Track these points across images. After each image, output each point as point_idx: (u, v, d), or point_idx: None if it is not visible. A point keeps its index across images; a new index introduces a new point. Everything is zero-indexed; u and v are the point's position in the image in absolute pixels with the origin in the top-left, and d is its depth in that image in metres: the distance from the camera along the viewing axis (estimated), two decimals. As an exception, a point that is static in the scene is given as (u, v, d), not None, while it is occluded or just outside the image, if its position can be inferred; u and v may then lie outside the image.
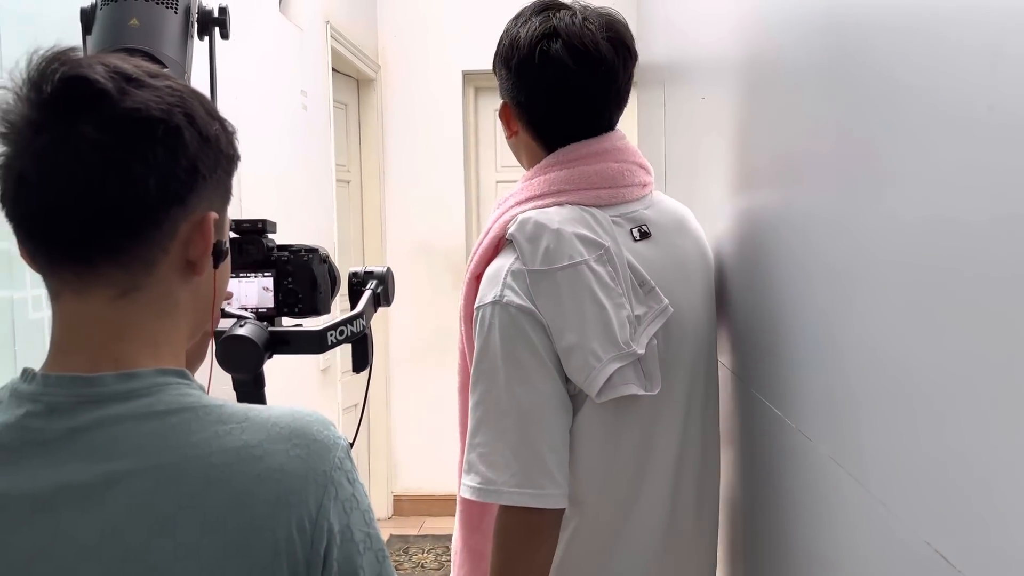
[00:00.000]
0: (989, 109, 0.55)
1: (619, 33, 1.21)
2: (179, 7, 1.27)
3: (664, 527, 1.20)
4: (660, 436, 1.19)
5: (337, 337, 1.14)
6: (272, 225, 1.17)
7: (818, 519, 0.94)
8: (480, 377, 1.15)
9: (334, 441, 0.70)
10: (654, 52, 2.63)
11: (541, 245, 1.13)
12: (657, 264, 1.19)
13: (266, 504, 0.65)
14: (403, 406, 4.12)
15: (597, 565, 1.19)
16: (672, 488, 1.20)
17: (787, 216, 1.07)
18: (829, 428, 0.90)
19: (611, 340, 1.11)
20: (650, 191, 1.27)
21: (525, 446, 1.10)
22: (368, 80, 4.02)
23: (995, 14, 0.54)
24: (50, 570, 0.63)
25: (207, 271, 0.73)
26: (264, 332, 1.09)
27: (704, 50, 1.69)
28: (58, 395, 0.66)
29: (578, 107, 1.21)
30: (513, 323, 1.12)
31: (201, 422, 0.67)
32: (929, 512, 0.65)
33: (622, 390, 1.12)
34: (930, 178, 0.65)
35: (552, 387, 1.12)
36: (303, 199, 2.94)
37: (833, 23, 0.88)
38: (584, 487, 1.16)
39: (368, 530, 0.70)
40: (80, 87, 0.63)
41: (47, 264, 0.68)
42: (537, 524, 1.12)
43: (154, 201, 0.66)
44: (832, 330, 0.89)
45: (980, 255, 0.57)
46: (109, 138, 0.63)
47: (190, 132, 0.67)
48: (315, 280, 1.17)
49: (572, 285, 1.11)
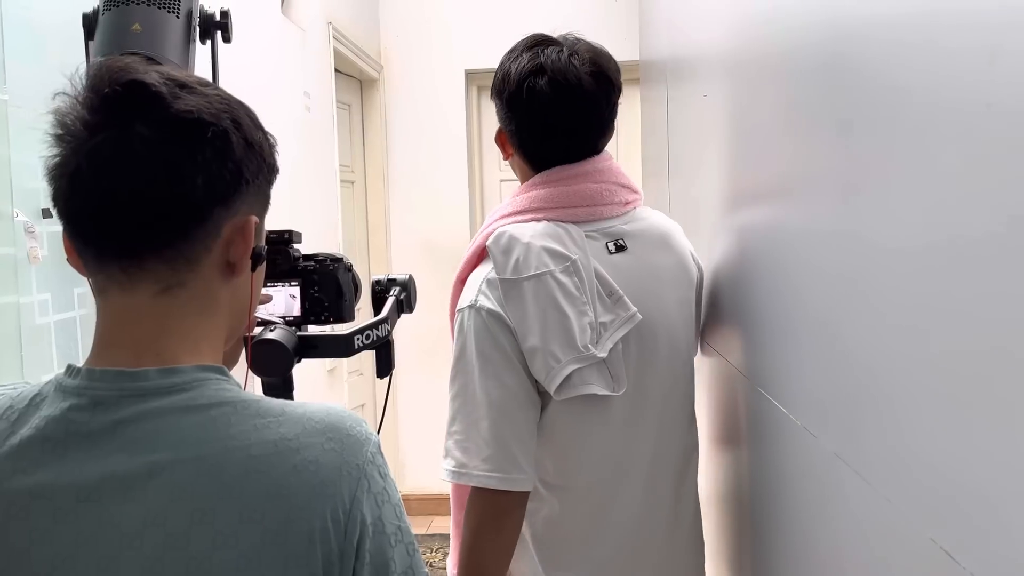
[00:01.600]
0: (988, 107, 0.55)
1: (603, 67, 1.32)
2: (181, 11, 1.28)
3: (643, 514, 1.32)
4: (637, 432, 1.30)
5: (363, 341, 1.18)
6: (298, 235, 1.21)
7: (823, 515, 0.95)
8: (457, 373, 1.28)
9: (367, 436, 0.73)
10: (657, 49, 2.63)
11: (512, 257, 1.26)
12: (630, 274, 1.30)
13: (302, 495, 0.67)
14: (410, 406, 4.13)
15: (580, 549, 1.30)
16: (648, 479, 1.31)
17: (789, 217, 1.07)
18: (834, 425, 0.90)
19: (570, 344, 1.22)
20: (634, 207, 1.38)
21: (494, 435, 1.22)
22: (371, 80, 4.02)
23: (993, 11, 0.54)
24: (95, 558, 0.65)
25: (245, 273, 0.76)
26: (293, 337, 1.14)
27: (706, 47, 1.69)
28: (102, 389, 0.69)
29: (561, 136, 1.33)
30: (485, 326, 1.25)
31: (240, 416, 0.69)
32: (934, 509, 0.65)
33: (581, 389, 1.23)
34: (930, 177, 0.65)
35: (519, 383, 1.24)
36: (308, 200, 2.95)
37: (831, 21, 0.88)
38: (564, 475, 1.29)
39: (399, 523, 0.72)
40: (136, 90, 0.67)
41: (95, 260, 0.71)
42: (503, 505, 1.23)
43: (201, 199, 0.69)
44: (837, 328, 0.89)
45: (982, 253, 0.57)
46: (162, 137, 0.67)
47: (236, 137, 0.71)
48: (341, 288, 1.21)
49: (536, 293, 1.23)
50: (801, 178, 1.02)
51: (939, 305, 0.64)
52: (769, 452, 1.19)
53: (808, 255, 0.98)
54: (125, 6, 1.24)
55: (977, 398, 0.58)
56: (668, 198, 2.34)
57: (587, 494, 1.29)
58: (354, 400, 3.54)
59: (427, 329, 4.01)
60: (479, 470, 1.22)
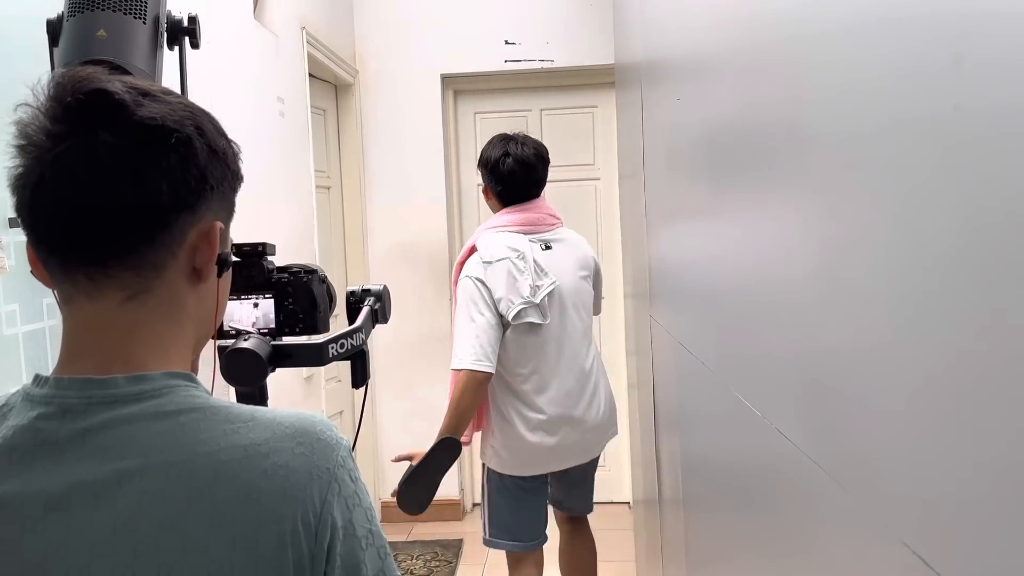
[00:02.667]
0: (955, 109, 0.55)
1: (541, 152, 2.56)
2: (148, 17, 1.26)
3: (568, 377, 2.45)
4: (564, 343, 2.46)
5: (337, 350, 1.20)
6: (272, 247, 1.22)
7: (796, 518, 0.94)
8: (459, 311, 2.39)
9: (337, 441, 0.73)
10: (631, 52, 2.63)
11: (489, 250, 2.41)
12: (552, 261, 2.47)
13: (272, 498, 0.67)
14: (388, 412, 4.11)
15: (540, 397, 2.42)
16: (566, 360, 2.46)
17: (761, 219, 1.07)
18: (807, 427, 0.90)
19: (520, 294, 2.36)
20: (557, 227, 2.57)
21: (476, 342, 2.33)
22: (346, 85, 4.00)
23: (958, 11, 0.54)
24: (64, 567, 0.65)
25: (211, 279, 0.76)
26: (267, 346, 1.14)
27: (678, 50, 1.69)
28: (70, 397, 0.68)
29: (517, 190, 2.53)
30: (475, 286, 2.38)
31: (209, 421, 0.70)
32: (907, 513, 0.65)
33: (524, 318, 2.37)
34: (898, 178, 0.65)
35: (491, 315, 2.36)
36: (283, 206, 2.92)
37: (794, 23, 0.88)
38: (521, 364, 2.43)
39: (370, 527, 0.73)
40: (99, 98, 0.68)
41: (61, 269, 0.70)
42: (477, 380, 2.32)
43: (166, 205, 0.70)
44: (810, 330, 0.89)
45: (953, 254, 0.57)
46: (125, 144, 0.67)
47: (200, 143, 0.72)
48: (315, 300, 1.24)
49: (501, 270, 2.37)
50: (768, 183, 1.02)
51: (911, 307, 0.64)
52: (742, 454, 1.19)
53: (780, 259, 0.98)
54: (90, 12, 1.22)
55: (950, 401, 0.58)
56: (644, 198, 2.34)
57: (536, 372, 2.42)
58: (332, 408, 3.52)
59: (405, 335, 4.00)
60: (466, 361, 2.31)
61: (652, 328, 2.25)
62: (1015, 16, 0.48)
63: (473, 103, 4.25)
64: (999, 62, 0.50)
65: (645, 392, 2.52)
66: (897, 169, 0.65)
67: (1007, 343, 0.50)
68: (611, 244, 4.05)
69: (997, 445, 0.52)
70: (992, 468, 0.53)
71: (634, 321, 2.91)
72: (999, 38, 0.50)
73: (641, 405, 2.71)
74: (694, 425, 1.59)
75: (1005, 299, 0.50)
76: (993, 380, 0.52)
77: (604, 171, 4.18)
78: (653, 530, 2.49)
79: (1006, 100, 0.49)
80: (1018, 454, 0.50)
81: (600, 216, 4.21)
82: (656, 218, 2.14)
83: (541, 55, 4.05)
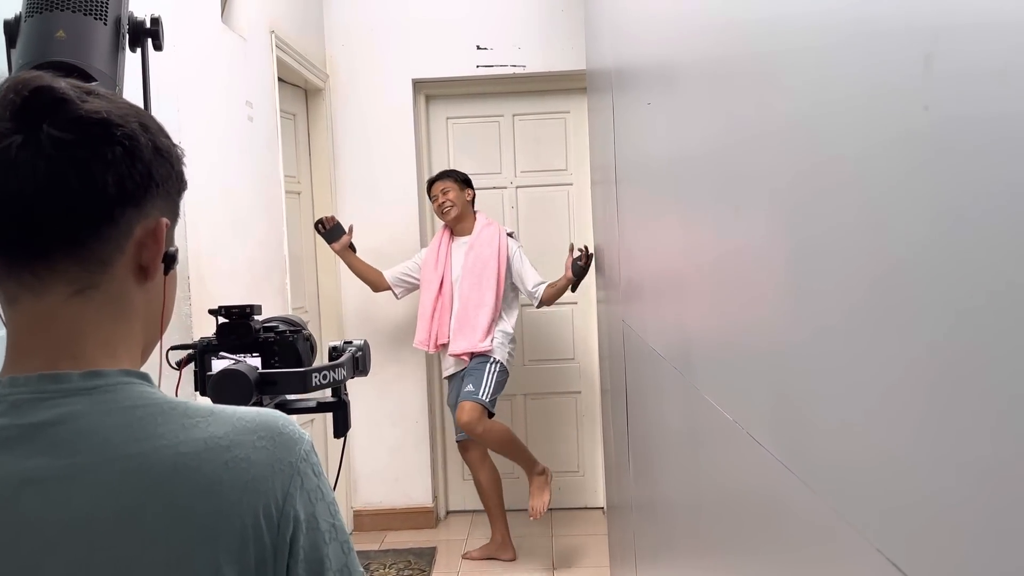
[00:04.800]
0: (925, 110, 0.54)
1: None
2: (108, 18, 1.23)
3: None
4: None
5: (320, 380, 1.26)
6: (258, 308, 1.32)
7: (769, 525, 0.94)
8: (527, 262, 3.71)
9: (299, 435, 0.73)
10: (602, 58, 2.63)
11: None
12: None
13: (234, 491, 0.67)
14: (362, 421, 4.07)
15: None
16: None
17: (731, 224, 1.06)
18: (779, 433, 0.89)
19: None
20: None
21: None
22: (317, 89, 3.97)
23: (927, 14, 0.54)
24: (16, 566, 0.64)
25: (158, 277, 0.75)
26: (255, 372, 1.21)
27: (648, 55, 1.69)
28: (21, 393, 0.67)
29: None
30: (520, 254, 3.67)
31: (167, 415, 0.69)
32: (881, 520, 0.65)
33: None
34: (868, 186, 0.64)
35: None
36: (251, 211, 2.89)
37: (761, 28, 0.87)
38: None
39: (333, 521, 0.72)
40: (44, 95, 0.68)
41: (6, 268, 0.70)
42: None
43: (112, 198, 0.69)
44: (781, 336, 0.88)
45: (925, 256, 0.57)
46: (70, 137, 0.67)
47: (145, 138, 0.71)
48: (300, 358, 1.31)
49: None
50: (739, 188, 1.01)
51: (881, 314, 0.63)
52: (714, 459, 1.18)
53: (751, 265, 0.98)
54: (48, 12, 1.19)
55: (922, 407, 0.58)
56: (616, 203, 2.34)
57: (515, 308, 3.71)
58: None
59: (377, 342, 3.96)
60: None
61: (625, 333, 2.24)
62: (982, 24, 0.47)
63: (445, 108, 4.23)
64: (969, 68, 0.50)
65: (618, 397, 2.51)
66: (866, 176, 0.65)
67: (976, 350, 0.50)
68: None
69: (969, 451, 0.51)
70: (964, 474, 0.52)
71: (607, 326, 2.91)
72: (969, 42, 0.49)
73: (614, 410, 2.71)
74: (666, 430, 1.59)
75: (972, 303, 0.50)
76: (964, 386, 0.52)
77: (576, 176, 4.18)
78: (626, 535, 2.48)
79: (975, 106, 0.49)
80: (990, 459, 0.49)
81: (573, 221, 4.21)
82: (628, 223, 2.14)
83: (513, 60, 4.04)
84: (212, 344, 1.29)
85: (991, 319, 0.48)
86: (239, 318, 1.27)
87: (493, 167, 4.23)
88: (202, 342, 1.30)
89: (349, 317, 4.07)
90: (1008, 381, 0.47)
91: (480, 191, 3.85)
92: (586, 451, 4.27)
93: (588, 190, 3.89)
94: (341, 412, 1.34)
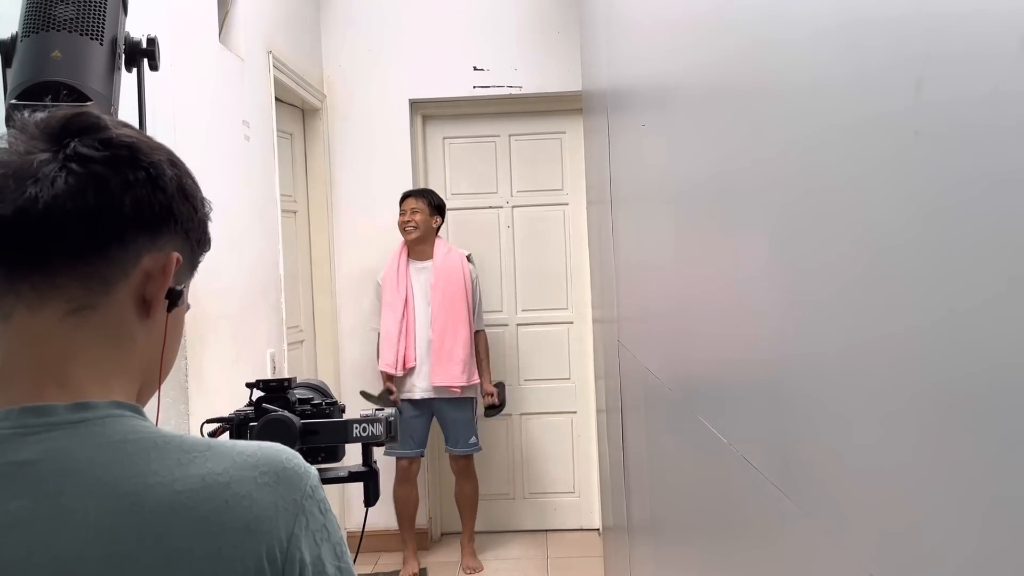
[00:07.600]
0: (916, 135, 0.54)
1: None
2: (105, 38, 1.23)
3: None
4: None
5: (360, 432, 1.29)
6: (294, 381, 1.32)
7: (763, 547, 0.93)
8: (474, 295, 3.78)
9: (305, 470, 0.68)
10: (597, 79, 2.65)
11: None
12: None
13: (235, 532, 0.62)
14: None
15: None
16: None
17: (726, 247, 1.06)
18: (773, 456, 0.89)
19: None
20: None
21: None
22: (314, 109, 3.98)
23: (918, 37, 0.54)
24: None
25: (160, 315, 0.71)
26: (299, 422, 1.25)
27: (643, 77, 1.70)
28: (2, 428, 0.63)
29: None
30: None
31: (161, 451, 0.64)
32: (873, 544, 0.64)
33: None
34: (864, 204, 0.64)
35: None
36: (247, 230, 2.89)
37: (757, 52, 0.88)
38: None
39: (340, 564, 0.68)
40: (82, 118, 0.68)
41: (5, 279, 0.67)
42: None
43: (126, 219, 0.67)
44: (774, 360, 0.88)
45: (916, 279, 0.56)
46: (96, 154, 0.67)
47: (172, 173, 0.70)
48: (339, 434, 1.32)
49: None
50: (732, 211, 1.02)
51: (875, 338, 0.63)
52: (707, 479, 1.18)
53: (744, 292, 0.98)
54: (45, 32, 1.19)
55: (912, 432, 0.57)
56: (611, 224, 2.35)
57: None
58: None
59: (371, 359, 3.96)
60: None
61: (620, 353, 2.24)
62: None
63: (442, 128, 4.24)
64: (959, 87, 0.50)
65: (614, 417, 2.51)
66: (859, 202, 0.65)
67: (969, 375, 0.50)
68: (580, 269, 4.05)
69: (965, 479, 0.51)
70: (951, 497, 0.52)
71: (603, 346, 2.91)
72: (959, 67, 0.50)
73: (610, 430, 2.70)
74: (662, 451, 1.58)
75: (969, 331, 0.50)
76: (954, 413, 0.51)
77: (572, 196, 4.19)
78: (622, 557, 2.46)
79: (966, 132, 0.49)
80: (986, 488, 0.49)
81: (569, 241, 4.21)
82: (624, 243, 2.14)
83: (509, 81, 4.06)
84: (248, 417, 1.26)
85: (987, 345, 0.48)
86: (277, 391, 1.28)
87: (489, 187, 4.23)
88: (238, 415, 1.27)
89: (344, 337, 4.06)
90: (1006, 417, 0.47)
91: (476, 210, 3.86)
92: (582, 472, 4.25)
93: (584, 210, 3.89)
94: (373, 481, 1.35)
